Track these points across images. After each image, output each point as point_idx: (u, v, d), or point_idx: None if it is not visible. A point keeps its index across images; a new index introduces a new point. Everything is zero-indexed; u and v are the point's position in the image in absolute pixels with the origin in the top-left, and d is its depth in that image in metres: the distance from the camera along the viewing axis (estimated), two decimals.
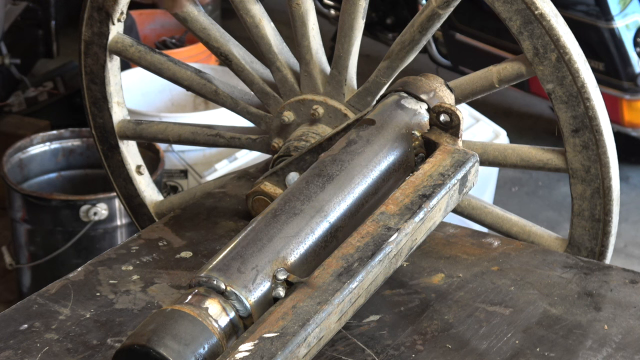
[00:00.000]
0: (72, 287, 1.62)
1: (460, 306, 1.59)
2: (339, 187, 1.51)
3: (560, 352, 1.49)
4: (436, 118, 1.59)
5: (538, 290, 1.63)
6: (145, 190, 2.16)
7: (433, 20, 1.77)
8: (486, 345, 1.50)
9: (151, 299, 1.60)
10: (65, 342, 1.50)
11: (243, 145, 2.02)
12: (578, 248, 1.82)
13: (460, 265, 1.69)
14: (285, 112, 1.91)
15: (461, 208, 1.88)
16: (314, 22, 1.89)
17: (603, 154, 1.75)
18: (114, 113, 2.09)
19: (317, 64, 1.88)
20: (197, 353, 1.25)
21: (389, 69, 1.84)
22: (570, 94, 1.74)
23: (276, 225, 1.43)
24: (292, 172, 1.76)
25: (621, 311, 1.58)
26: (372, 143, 1.57)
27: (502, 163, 1.84)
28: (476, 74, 1.81)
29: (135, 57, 2.03)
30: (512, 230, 1.87)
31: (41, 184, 4.02)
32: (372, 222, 1.45)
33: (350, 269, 1.37)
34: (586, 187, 1.78)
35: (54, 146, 4.05)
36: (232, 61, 1.95)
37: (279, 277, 1.37)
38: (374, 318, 1.56)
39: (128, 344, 1.26)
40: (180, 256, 1.72)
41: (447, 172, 1.54)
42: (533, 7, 1.71)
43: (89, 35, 2.03)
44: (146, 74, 3.01)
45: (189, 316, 1.28)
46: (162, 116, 4.04)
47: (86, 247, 3.72)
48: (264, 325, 1.29)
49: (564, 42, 1.71)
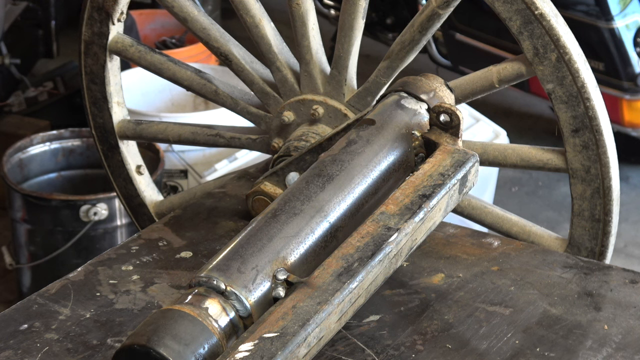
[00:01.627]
0: (72, 287, 1.62)
1: (460, 306, 1.59)
2: (339, 187, 1.51)
3: (560, 352, 1.49)
4: (436, 118, 1.59)
5: (538, 290, 1.63)
6: (145, 190, 2.16)
7: (433, 20, 1.77)
8: (486, 345, 1.50)
9: (151, 299, 1.60)
10: (65, 342, 1.50)
11: (243, 145, 2.02)
12: (578, 248, 1.82)
13: (460, 265, 1.69)
14: (285, 112, 1.91)
15: (461, 208, 1.88)
16: (314, 22, 1.89)
17: (603, 154, 1.75)
18: (114, 113, 2.09)
19: (317, 64, 1.88)
20: (197, 353, 1.25)
21: (389, 69, 1.84)
22: (570, 94, 1.74)
23: (276, 225, 1.43)
24: (292, 172, 1.76)
25: (621, 311, 1.58)
26: (372, 143, 1.57)
27: (502, 163, 1.84)
28: (476, 74, 1.81)
29: (135, 57, 2.03)
30: (512, 230, 1.87)
31: (41, 184, 4.02)
32: (372, 222, 1.45)
33: (350, 269, 1.37)
34: (586, 187, 1.78)
35: (54, 146, 4.05)
36: (232, 61, 1.95)
37: (279, 277, 1.37)
38: (374, 318, 1.56)
39: (128, 344, 1.26)
40: (180, 256, 1.72)
41: (447, 172, 1.54)
42: (533, 7, 1.71)
43: (89, 35, 2.03)
44: (146, 74, 3.01)
45: (189, 316, 1.28)
46: (162, 116, 4.04)
47: (86, 247, 3.72)
48: (264, 325, 1.29)
49: (564, 42, 1.71)
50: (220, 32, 1.96)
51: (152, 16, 5.36)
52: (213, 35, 1.96)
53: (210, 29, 1.96)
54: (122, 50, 2.03)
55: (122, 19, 2.02)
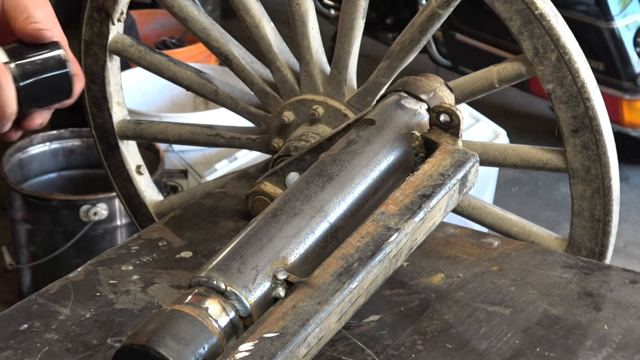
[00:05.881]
0: (72, 287, 1.62)
1: (460, 306, 1.59)
2: (339, 187, 1.51)
3: (560, 352, 1.49)
4: (436, 118, 1.59)
5: (538, 290, 1.63)
6: (145, 190, 2.17)
7: (433, 20, 1.77)
8: (486, 345, 1.50)
9: (151, 299, 1.60)
10: (65, 342, 1.50)
11: (243, 145, 2.02)
12: (578, 248, 1.82)
13: (460, 265, 1.69)
14: (285, 112, 1.91)
15: (461, 208, 1.88)
16: (314, 22, 1.89)
17: (603, 154, 1.75)
18: (114, 113, 2.10)
19: (317, 64, 1.88)
20: (197, 353, 1.25)
21: (389, 69, 1.84)
22: (570, 94, 1.74)
23: (276, 225, 1.43)
24: (292, 172, 1.76)
25: (621, 311, 1.58)
26: (372, 143, 1.57)
27: (502, 163, 1.84)
28: (476, 74, 1.81)
29: (135, 57, 2.03)
30: (512, 230, 1.87)
31: (41, 184, 4.02)
32: (372, 222, 1.45)
33: (350, 269, 1.37)
34: (586, 187, 1.78)
35: (54, 146, 4.06)
36: (232, 61, 1.95)
37: (279, 277, 1.37)
38: (374, 318, 1.56)
39: (128, 344, 1.26)
40: (180, 256, 1.72)
41: (447, 172, 1.54)
42: (533, 7, 1.71)
43: (89, 35, 2.03)
44: (146, 74, 3.01)
45: (188, 316, 1.28)
46: (162, 116, 4.05)
47: (86, 247, 3.72)
48: (264, 325, 1.29)
49: (564, 42, 1.71)
50: (220, 32, 1.96)
51: (152, 16, 5.36)
52: (213, 35, 1.96)
53: (210, 29, 1.96)
54: (122, 50, 2.03)
55: (122, 19, 2.02)
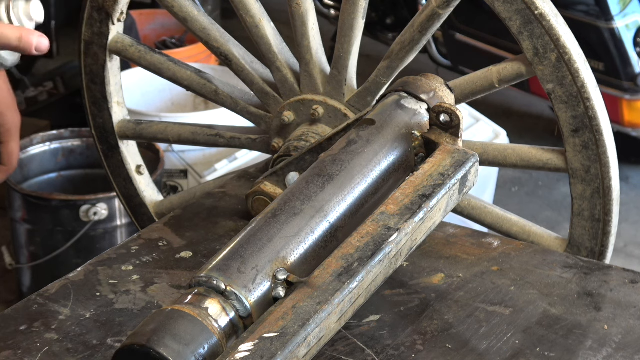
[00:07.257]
0: (72, 287, 1.62)
1: (460, 306, 1.59)
2: (339, 187, 1.51)
3: (560, 352, 1.49)
4: (436, 118, 1.59)
5: (538, 290, 1.63)
6: (145, 190, 2.16)
7: (433, 20, 1.77)
8: (486, 345, 1.50)
9: (151, 299, 1.60)
10: (65, 342, 1.50)
11: (243, 145, 2.02)
12: (578, 248, 1.82)
13: (460, 265, 1.69)
14: (285, 112, 1.91)
15: (461, 208, 1.88)
16: (314, 22, 1.88)
17: (603, 154, 1.75)
18: (114, 113, 2.09)
19: (317, 64, 1.88)
20: (197, 353, 1.25)
21: (389, 69, 1.84)
22: (570, 94, 1.74)
23: (276, 225, 1.43)
24: (292, 172, 1.76)
25: (621, 311, 1.58)
26: (372, 143, 1.57)
27: (502, 163, 1.84)
28: (476, 74, 1.81)
29: (135, 57, 2.03)
30: (512, 230, 1.87)
31: (41, 184, 4.02)
32: (372, 222, 1.45)
33: (350, 269, 1.37)
34: (586, 187, 1.78)
35: (54, 146, 4.06)
36: (232, 61, 1.95)
37: (279, 277, 1.37)
38: (374, 318, 1.56)
39: (128, 344, 1.26)
40: (180, 256, 1.72)
41: (447, 172, 1.54)
42: (533, 7, 1.71)
43: (89, 35, 2.03)
44: (146, 74, 3.01)
45: (188, 316, 1.28)
46: (162, 116, 4.05)
47: (86, 247, 3.72)
48: (264, 325, 1.29)
49: (564, 42, 1.71)
50: (220, 32, 1.96)
51: (152, 16, 5.36)
52: (213, 35, 1.96)
53: (210, 29, 1.96)
54: (122, 50, 2.03)
55: (122, 19, 2.02)
